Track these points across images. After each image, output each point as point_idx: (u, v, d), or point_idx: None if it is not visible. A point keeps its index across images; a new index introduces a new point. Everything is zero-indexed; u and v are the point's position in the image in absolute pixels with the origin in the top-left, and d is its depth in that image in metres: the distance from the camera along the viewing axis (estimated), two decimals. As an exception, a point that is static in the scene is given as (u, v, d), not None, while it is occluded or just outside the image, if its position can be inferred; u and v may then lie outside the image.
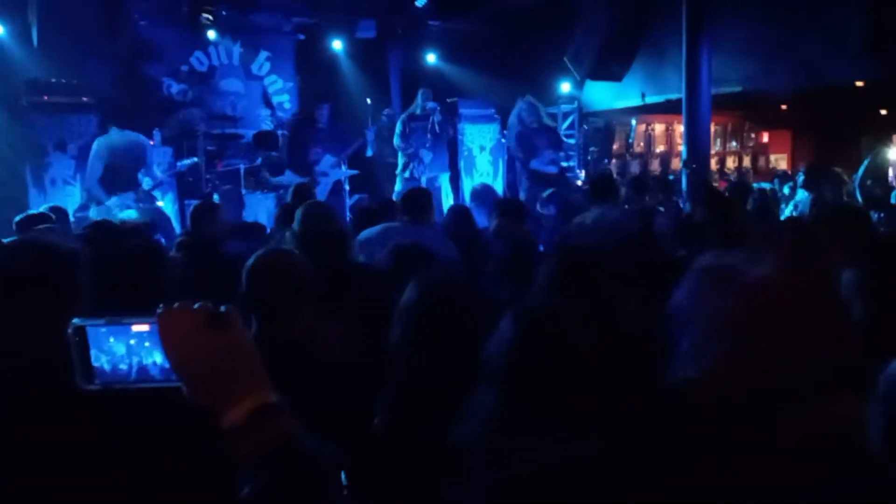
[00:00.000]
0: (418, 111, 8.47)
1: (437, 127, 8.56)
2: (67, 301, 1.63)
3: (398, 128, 8.54)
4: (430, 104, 8.68)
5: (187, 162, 7.99)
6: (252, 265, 2.32)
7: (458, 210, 4.98)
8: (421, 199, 4.33)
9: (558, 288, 2.45)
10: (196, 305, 0.97)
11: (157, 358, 0.98)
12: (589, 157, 10.77)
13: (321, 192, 7.73)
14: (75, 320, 0.99)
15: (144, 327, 0.98)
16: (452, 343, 1.98)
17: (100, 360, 0.99)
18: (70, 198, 7.73)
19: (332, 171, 8.22)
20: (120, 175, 7.09)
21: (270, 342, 2.12)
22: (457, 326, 2.03)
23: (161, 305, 0.97)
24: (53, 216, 5.06)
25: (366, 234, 4.19)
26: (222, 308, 0.98)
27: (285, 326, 2.24)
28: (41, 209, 5.50)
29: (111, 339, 0.98)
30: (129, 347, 0.98)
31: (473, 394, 1.69)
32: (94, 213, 6.89)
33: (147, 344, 0.98)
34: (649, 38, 9.02)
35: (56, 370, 1.09)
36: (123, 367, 0.98)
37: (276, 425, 0.94)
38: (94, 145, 7.25)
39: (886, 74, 7.76)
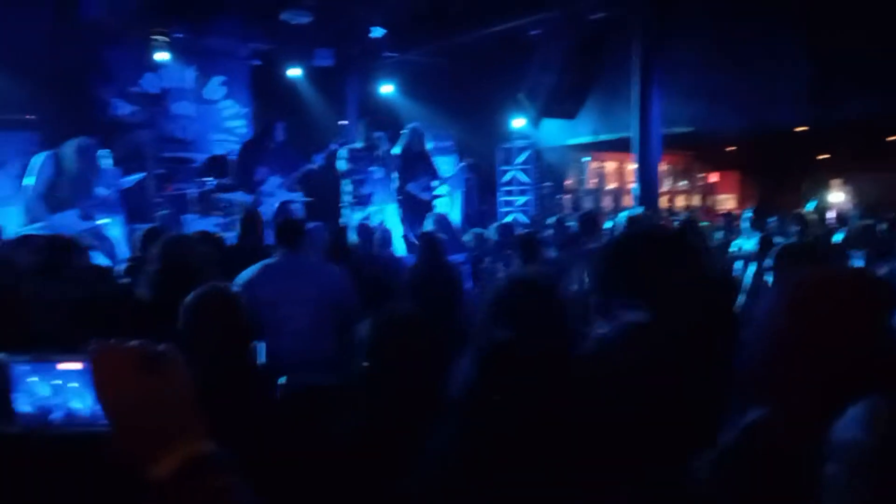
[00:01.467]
0: (360, 143, 8.45)
1: (382, 156, 8.58)
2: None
3: (342, 157, 8.51)
4: (377, 133, 8.70)
5: (133, 178, 7.76)
6: (189, 301, 2.27)
7: (429, 239, 4.92)
8: (295, 228, 4.15)
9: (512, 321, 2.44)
10: (132, 344, 0.89)
11: (85, 400, 0.90)
12: (543, 192, 10.88)
13: (265, 213, 7.57)
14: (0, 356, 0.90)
15: (74, 365, 0.90)
16: (408, 376, 1.97)
17: (22, 401, 0.90)
18: (10, 218, 7.44)
19: (279, 192, 8.07)
20: (64, 190, 6.80)
21: (209, 380, 2.04)
22: (411, 359, 2.00)
23: (93, 342, 0.89)
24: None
25: (245, 274, 3.90)
26: (160, 347, 0.91)
27: (223, 362, 2.18)
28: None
29: (34, 379, 0.90)
30: (50, 388, 0.90)
31: (431, 430, 1.65)
32: (37, 230, 6.63)
33: (71, 386, 0.90)
34: (602, 77, 9.21)
35: None
36: (46, 408, 0.90)
37: (209, 478, 0.86)
38: (38, 159, 6.95)
39: (826, 121, 8.07)
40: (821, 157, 11.94)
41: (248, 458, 1.01)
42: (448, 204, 10.08)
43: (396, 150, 8.57)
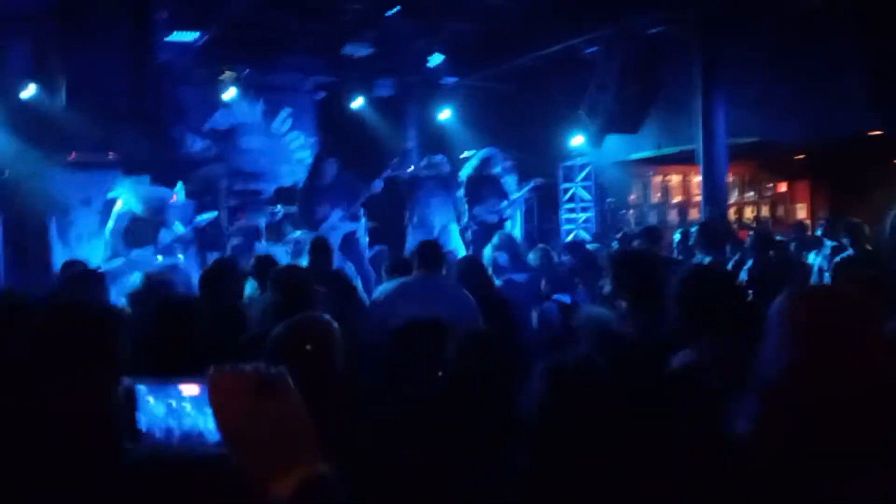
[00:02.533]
0: (423, 172, 8.54)
1: (444, 178, 8.68)
2: (109, 363, 1.63)
3: (404, 187, 8.62)
4: (437, 156, 8.80)
5: (206, 216, 8.09)
6: (281, 331, 2.24)
7: (471, 263, 4.97)
8: (432, 252, 4.31)
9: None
10: (248, 368, 0.93)
11: (202, 422, 0.95)
12: (606, 208, 10.80)
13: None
14: (126, 380, 0.97)
15: (193, 389, 0.96)
16: (489, 395, 1.99)
17: (145, 422, 0.96)
18: (94, 251, 7.84)
19: (342, 225, 8.23)
20: (141, 228, 7.17)
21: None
22: (491, 378, 2.03)
23: (212, 367, 0.93)
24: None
25: (382, 288, 4.21)
26: (274, 371, 0.94)
27: (313, 398, 2.18)
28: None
29: (152, 401, 0.95)
30: (172, 411, 0.95)
31: (505, 452, 1.67)
32: (117, 266, 6.98)
33: (189, 408, 0.95)
34: (663, 90, 9.12)
35: (103, 432, 1.08)
36: (166, 430, 0.95)
37: (325, 499, 0.89)
38: (118, 199, 7.37)
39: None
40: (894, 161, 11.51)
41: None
42: (509, 223, 10.12)
43: (466, 174, 8.66)
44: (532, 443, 1.64)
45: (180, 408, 0.96)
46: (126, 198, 7.36)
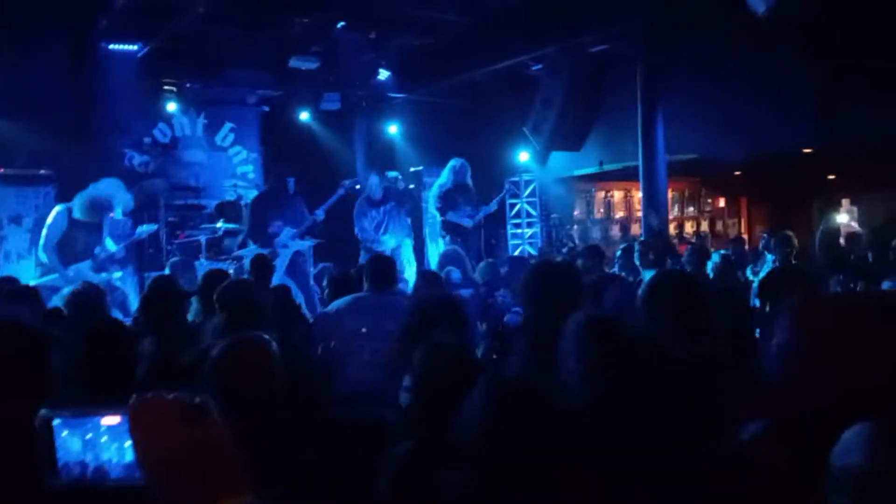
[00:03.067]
0: (377, 194, 8.45)
1: (399, 196, 8.66)
2: (37, 385, 1.56)
3: (357, 210, 8.52)
4: (391, 174, 8.77)
5: (146, 228, 7.84)
6: (219, 352, 2.16)
7: (428, 275, 4.97)
8: (383, 267, 4.33)
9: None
10: (170, 397, 0.92)
11: (118, 454, 0.93)
12: (551, 224, 10.91)
13: (280, 264, 7.64)
14: (42, 412, 0.93)
15: (113, 420, 0.93)
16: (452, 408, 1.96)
17: (63, 456, 0.93)
18: (24, 271, 7.53)
19: (292, 243, 8.13)
20: (76, 241, 6.88)
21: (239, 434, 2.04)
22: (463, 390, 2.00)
23: (133, 396, 0.91)
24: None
25: (335, 304, 4.17)
26: (198, 399, 0.93)
27: (254, 416, 2.08)
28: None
29: (71, 435, 0.93)
30: (90, 443, 0.93)
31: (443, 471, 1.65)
32: (53, 282, 6.71)
33: (105, 439, 0.93)
34: (605, 108, 9.31)
35: (26, 463, 1.03)
36: (82, 463, 0.93)
37: None
38: (54, 213, 7.06)
39: (833, 141, 8.08)
40: (830, 177, 11.95)
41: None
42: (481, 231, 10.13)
43: (440, 183, 8.71)
44: (472, 460, 1.59)
45: (97, 440, 0.94)
46: (64, 211, 7.04)
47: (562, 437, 1.62)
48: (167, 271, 7.27)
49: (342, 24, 8.40)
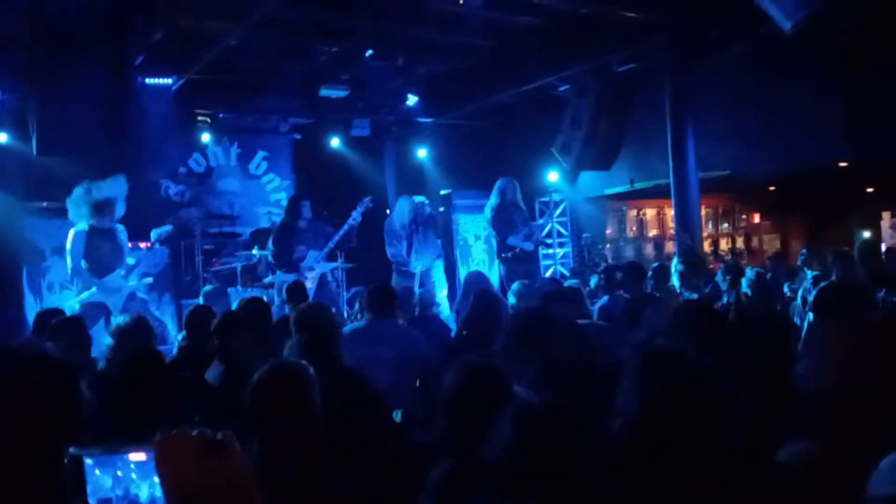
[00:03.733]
0: (406, 218, 8.50)
1: (427, 220, 8.66)
2: (66, 417, 1.59)
3: (387, 233, 8.59)
4: (418, 198, 8.80)
5: (163, 230, 7.94)
6: (257, 379, 2.21)
7: (485, 296, 4.92)
8: (380, 295, 4.44)
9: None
10: (194, 432, 0.95)
11: (147, 489, 0.95)
12: (583, 243, 10.86)
13: (309, 288, 7.72)
14: (72, 450, 0.96)
15: (140, 456, 0.96)
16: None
17: (92, 494, 0.95)
18: (67, 301, 7.72)
19: (318, 266, 8.20)
20: (102, 254, 7.10)
21: (276, 462, 2.06)
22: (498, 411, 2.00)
23: (158, 434, 0.94)
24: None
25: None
26: (219, 434, 0.96)
27: (292, 444, 2.13)
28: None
29: (98, 472, 0.95)
30: (116, 479, 0.95)
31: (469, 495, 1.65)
32: (93, 296, 6.91)
33: (135, 476, 0.95)
34: (635, 126, 9.26)
35: (52, 495, 1.06)
36: (118, 499, 0.95)
37: None
38: (70, 236, 7.25)
39: (869, 153, 7.95)
40: (868, 189, 11.72)
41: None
42: (486, 262, 10.14)
43: (491, 205, 8.64)
44: (499, 484, 1.58)
45: (126, 476, 0.96)
46: (77, 232, 7.23)
47: (592, 462, 1.61)
48: (200, 300, 7.43)
49: (370, 52, 8.53)
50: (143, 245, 8.04)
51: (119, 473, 0.95)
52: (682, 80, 8.28)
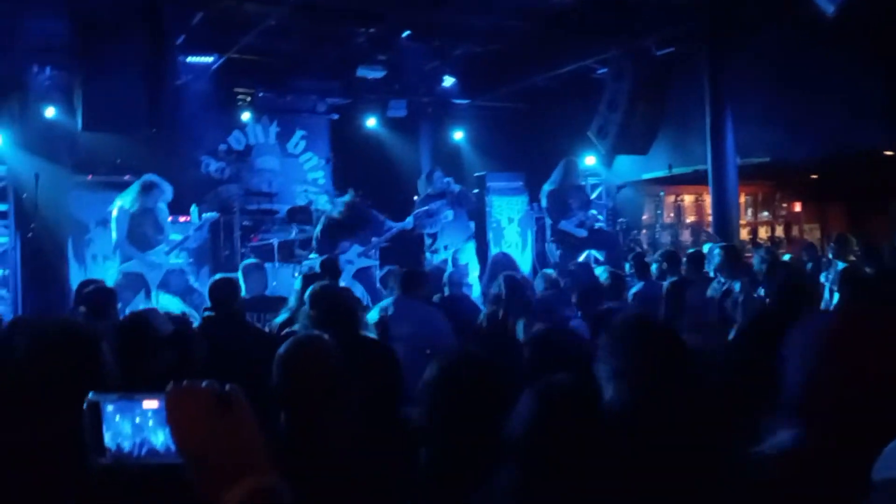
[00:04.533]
0: (431, 190, 8.54)
1: (456, 198, 8.66)
2: (91, 383, 1.66)
3: (416, 209, 8.63)
4: (446, 178, 8.81)
5: (207, 216, 8.14)
6: (286, 355, 2.24)
7: (514, 281, 4.95)
8: (411, 274, 4.72)
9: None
10: (203, 385, 0.99)
11: (162, 436, 1.00)
12: (618, 228, 10.78)
13: (344, 277, 7.76)
14: (90, 395, 1.01)
15: (153, 404, 1.01)
16: (476, 420, 1.97)
17: (110, 437, 1.01)
18: (110, 272, 7.96)
19: (358, 260, 8.26)
20: (146, 230, 7.33)
21: (302, 438, 2.11)
22: (479, 403, 2.01)
23: (169, 384, 0.99)
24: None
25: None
26: (228, 388, 0.99)
27: (319, 421, 2.16)
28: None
29: (118, 417, 1.01)
30: (134, 426, 1.00)
31: (495, 471, 1.67)
32: (134, 267, 7.13)
33: (151, 423, 1.00)
34: (673, 110, 9.14)
35: (73, 446, 1.12)
36: (132, 444, 1.00)
37: None
38: (115, 210, 7.47)
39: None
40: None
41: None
42: (520, 245, 10.14)
43: (548, 187, 8.55)
44: (520, 460, 1.62)
45: (144, 423, 1.01)
46: (123, 205, 7.45)
47: (602, 437, 1.65)
48: (239, 274, 7.58)
49: (407, 33, 8.56)
50: (182, 219, 8.23)
51: (137, 420, 1.00)
52: (720, 64, 8.14)
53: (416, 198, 9.83)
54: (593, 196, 10.86)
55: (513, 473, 1.62)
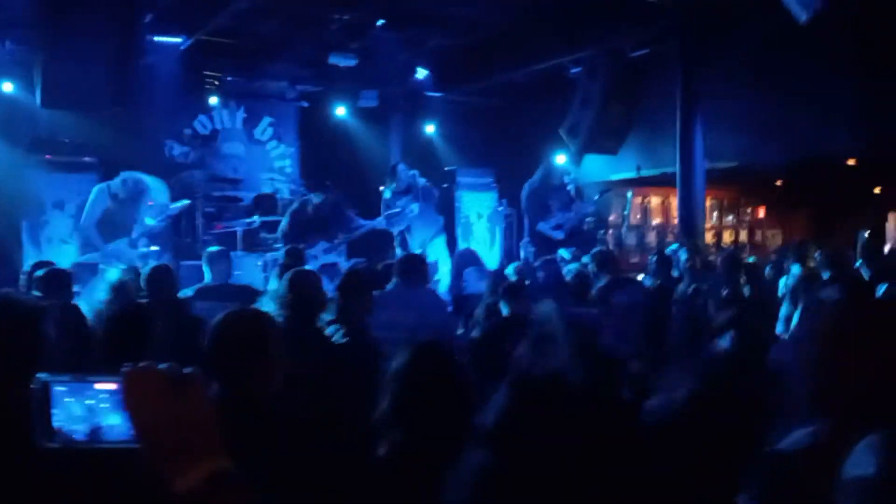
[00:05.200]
0: (395, 186, 8.47)
1: (420, 193, 8.63)
2: (33, 359, 1.60)
3: (383, 205, 8.57)
4: (411, 171, 8.78)
5: (178, 205, 7.98)
6: (216, 323, 2.30)
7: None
8: (413, 265, 4.70)
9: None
10: (161, 366, 0.96)
11: (116, 419, 0.96)
12: (585, 228, 10.81)
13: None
14: (40, 375, 0.97)
15: (109, 386, 0.97)
16: (441, 409, 1.99)
17: (59, 419, 0.96)
18: (65, 256, 7.72)
19: (323, 256, 8.17)
20: (116, 219, 7.14)
21: (232, 403, 2.11)
22: (444, 393, 2.03)
23: (126, 364, 0.96)
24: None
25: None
26: (187, 370, 0.97)
27: (247, 387, 2.19)
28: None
29: (68, 399, 0.96)
30: (86, 408, 0.97)
31: (462, 457, 1.67)
32: (93, 259, 6.92)
33: (105, 405, 0.97)
34: (645, 112, 9.20)
35: (18, 428, 1.06)
36: (80, 427, 0.96)
37: (229, 493, 0.92)
38: (95, 189, 7.29)
39: (878, 152, 7.88)
40: (875, 190, 11.64)
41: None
42: (488, 241, 10.12)
43: (529, 187, 8.50)
44: (492, 441, 1.63)
45: (97, 405, 0.97)
46: (105, 189, 7.28)
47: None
48: (203, 261, 7.44)
49: (381, 21, 8.46)
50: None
51: (89, 402, 0.96)
52: (692, 66, 8.21)
53: (381, 188, 9.69)
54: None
55: (486, 455, 1.62)
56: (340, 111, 10.86)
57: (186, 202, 7.91)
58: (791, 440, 1.39)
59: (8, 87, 7.95)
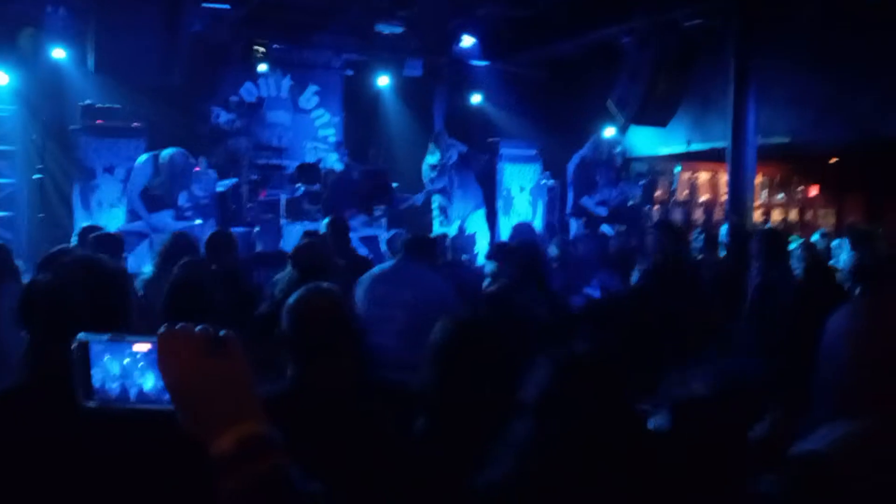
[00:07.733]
0: (436, 157, 8.40)
1: (458, 162, 8.54)
2: (122, 319, 1.64)
3: (425, 174, 8.51)
4: (449, 140, 8.70)
5: (227, 182, 8.09)
6: (296, 304, 2.22)
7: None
8: (417, 239, 4.60)
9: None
10: (197, 328, 0.95)
11: (153, 380, 0.96)
12: (630, 203, 10.64)
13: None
14: (80, 335, 0.97)
15: (145, 346, 0.97)
16: (483, 383, 1.98)
17: (98, 378, 0.97)
18: (114, 220, 7.91)
19: (361, 229, 8.17)
20: (161, 190, 7.25)
21: (311, 389, 2.10)
22: (486, 366, 2.01)
23: (164, 325, 0.95)
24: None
25: (370, 272, 4.38)
26: (222, 333, 0.96)
27: (329, 371, 2.15)
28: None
29: (107, 358, 0.97)
30: (122, 367, 0.97)
31: (506, 431, 1.67)
32: (137, 228, 7.06)
33: (141, 365, 0.97)
34: (695, 85, 8.94)
35: (62, 386, 1.08)
36: (117, 386, 0.97)
37: (263, 457, 0.91)
38: (140, 161, 7.40)
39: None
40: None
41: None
42: (529, 215, 10.03)
43: (576, 160, 8.39)
44: (534, 416, 1.64)
45: (134, 365, 0.98)
46: (149, 160, 7.39)
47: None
48: (257, 228, 7.56)
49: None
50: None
51: (126, 361, 0.97)
52: (748, 40, 7.92)
53: (427, 156, 9.61)
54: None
55: (529, 428, 1.63)
56: (384, 80, 10.81)
57: (234, 180, 8.00)
58: (822, 438, 1.31)
59: (60, 53, 8.08)
